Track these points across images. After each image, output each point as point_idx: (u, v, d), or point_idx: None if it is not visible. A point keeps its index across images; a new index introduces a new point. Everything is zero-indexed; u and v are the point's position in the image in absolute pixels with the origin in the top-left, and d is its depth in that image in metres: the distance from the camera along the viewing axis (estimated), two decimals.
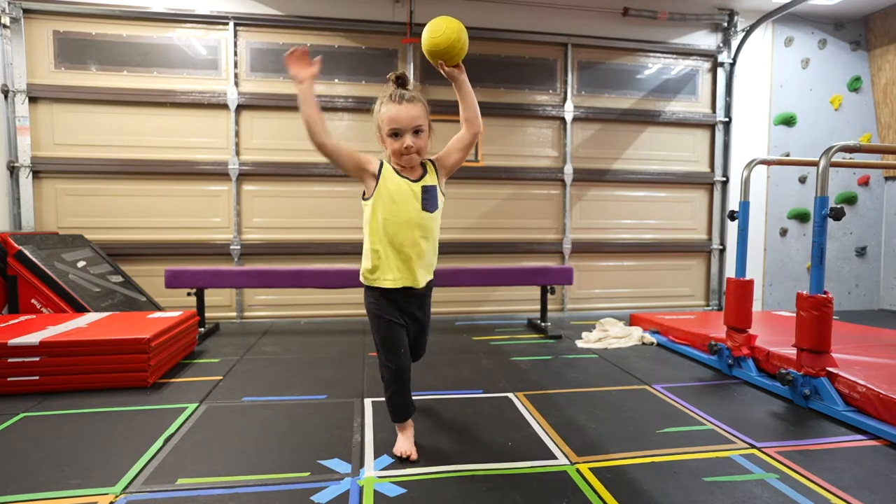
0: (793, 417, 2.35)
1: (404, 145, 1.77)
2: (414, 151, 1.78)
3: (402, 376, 1.88)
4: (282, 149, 4.57)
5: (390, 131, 1.78)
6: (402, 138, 1.77)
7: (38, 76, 4.22)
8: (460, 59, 1.75)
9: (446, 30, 1.70)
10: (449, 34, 1.69)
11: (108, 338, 2.64)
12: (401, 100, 1.75)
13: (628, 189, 5.09)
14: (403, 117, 1.75)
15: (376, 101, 1.83)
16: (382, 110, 1.78)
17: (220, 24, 4.42)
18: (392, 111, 1.75)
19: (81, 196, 4.33)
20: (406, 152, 1.78)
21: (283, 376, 2.91)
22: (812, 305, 2.39)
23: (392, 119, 1.75)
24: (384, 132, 1.80)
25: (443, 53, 1.72)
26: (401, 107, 1.75)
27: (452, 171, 1.94)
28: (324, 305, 4.67)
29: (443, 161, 1.91)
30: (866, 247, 5.37)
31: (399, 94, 1.77)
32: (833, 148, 2.39)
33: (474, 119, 1.84)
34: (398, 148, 1.78)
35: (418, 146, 1.78)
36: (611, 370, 3.07)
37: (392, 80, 1.81)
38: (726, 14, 4.99)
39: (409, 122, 1.75)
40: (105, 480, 1.73)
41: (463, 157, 1.91)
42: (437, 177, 1.88)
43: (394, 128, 1.76)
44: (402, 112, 1.75)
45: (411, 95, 1.77)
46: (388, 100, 1.77)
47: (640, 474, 1.80)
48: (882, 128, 5.23)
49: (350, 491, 1.68)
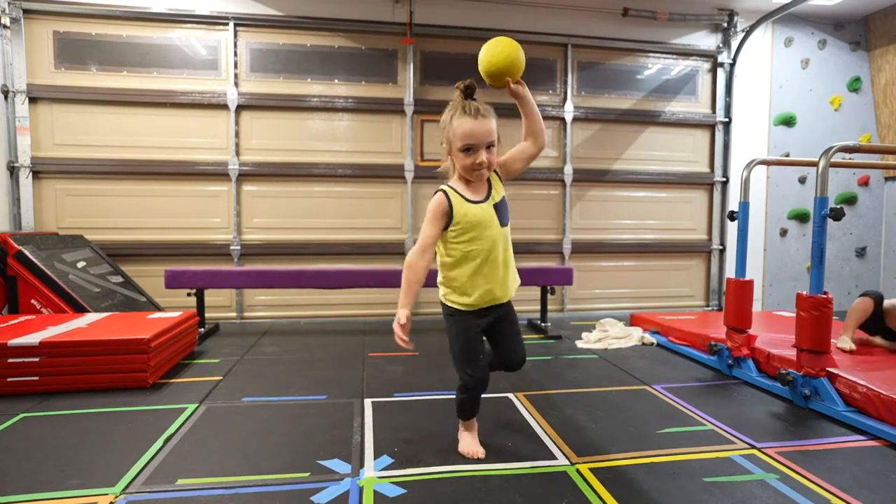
0: (793, 418, 2.35)
1: (477, 161, 1.70)
2: (486, 167, 1.73)
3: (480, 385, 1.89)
4: (282, 149, 4.57)
5: (464, 146, 1.70)
6: (476, 154, 1.70)
7: (37, 76, 4.22)
8: (519, 75, 1.74)
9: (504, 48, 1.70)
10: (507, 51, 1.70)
11: (108, 338, 2.64)
12: (476, 114, 1.68)
13: (628, 189, 5.09)
14: (479, 132, 1.68)
15: (445, 112, 1.76)
16: (455, 124, 1.70)
17: (219, 24, 4.42)
18: (467, 126, 1.68)
19: (81, 196, 4.33)
20: (478, 168, 1.71)
21: (283, 376, 2.91)
22: (812, 306, 2.39)
23: (467, 134, 1.68)
24: (455, 146, 1.72)
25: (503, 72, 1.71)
26: (476, 122, 1.67)
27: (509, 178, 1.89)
28: (324, 306, 4.67)
29: (506, 167, 1.85)
30: (866, 247, 5.37)
31: (474, 107, 1.69)
32: (833, 148, 2.39)
33: (540, 132, 1.81)
34: (469, 164, 1.71)
35: (490, 161, 1.73)
36: (611, 370, 3.07)
37: (461, 89, 1.73)
38: (726, 14, 5.00)
39: (484, 138, 1.69)
40: (105, 480, 1.73)
41: (525, 168, 1.86)
42: (502, 187, 1.84)
43: (468, 143, 1.69)
44: (478, 127, 1.67)
45: (485, 109, 1.71)
46: (462, 112, 1.69)
47: (640, 474, 1.80)
48: (882, 128, 5.23)
49: (350, 491, 1.68)
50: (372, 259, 4.71)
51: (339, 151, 4.66)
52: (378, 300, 4.71)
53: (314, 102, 4.56)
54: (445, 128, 1.75)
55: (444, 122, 1.75)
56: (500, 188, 1.83)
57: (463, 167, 1.74)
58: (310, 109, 4.59)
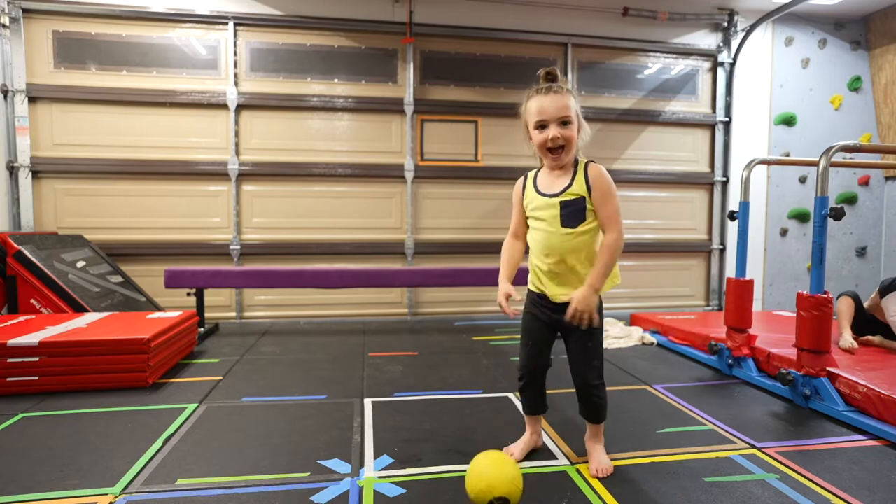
0: (793, 417, 2.34)
1: (550, 136, 1.65)
2: (561, 143, 1.65)
3: (527, 377, 1.88)
4: (281, 149, 4.56)
5: (536, 123, 1.67)
6: (548, 129, 1.65)
7: (37, 76, 4.22)
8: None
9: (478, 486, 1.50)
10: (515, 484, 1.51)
11: (107, 338, 2.64)
12: (547, 91, 1.65)
13: (628, 189, 5.08)
14: (549, 107, 1.64)
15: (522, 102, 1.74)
16: (528, 104, 1.70)
17: (219, 23, 4.41)
18: (537, 102, 1.66)
19: (81, 196, 4.33)
20: (552, 143, 1.66)
21: (283, 376, 2.91)
22: (812, 305, 2.39)
23: (538, 110, 1.65)
24: (531, 126, 1.70)
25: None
26: (547, 97, 1.65)
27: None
28: (324, 305, 4.67)
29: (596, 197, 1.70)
30: (866, 247, 5.37)
31: (546, 86, 1.67)
32: (833, 148, 2.38)
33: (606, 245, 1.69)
34: (543, 140, 1.66)
35: (566, 137, 1.65)
36: (611, 370, 3.07)
37: (542, 76, 1.70)
38: (726, 14, 4.99)
39: (556, 112, 1.64)
40: (104, 481, 1.73)
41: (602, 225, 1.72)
42: (586, 187, 1.69)
43: (540, 119, 1.66)
44: (548, 102, 1.64)
45: (559, 87, 1.66)
46: (535, 93, 1.68)
47: (640, 474, 1.79)
48: (882, 128, 5.22)
49: (350, 491, 1.68)
50: (372, 259, 4.71)
51: (338, 151, 4.65)
52: (378, 300, 4.71)
53: (314, 102, 4.56)
54: (522, 116, 1.74)
55: (522, 111, 1.74)
56: (583, 189, 1.69)
57: (538, 146, 1.70)
58: (310, 109, 4.58)
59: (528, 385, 1.89)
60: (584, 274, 1.71)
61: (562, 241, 1.70)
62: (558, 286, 1.74)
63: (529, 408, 1.94)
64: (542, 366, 1.86)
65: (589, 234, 1.71)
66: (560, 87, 1.66)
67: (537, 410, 1.94)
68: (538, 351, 1.83)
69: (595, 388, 1.79)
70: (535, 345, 1.83)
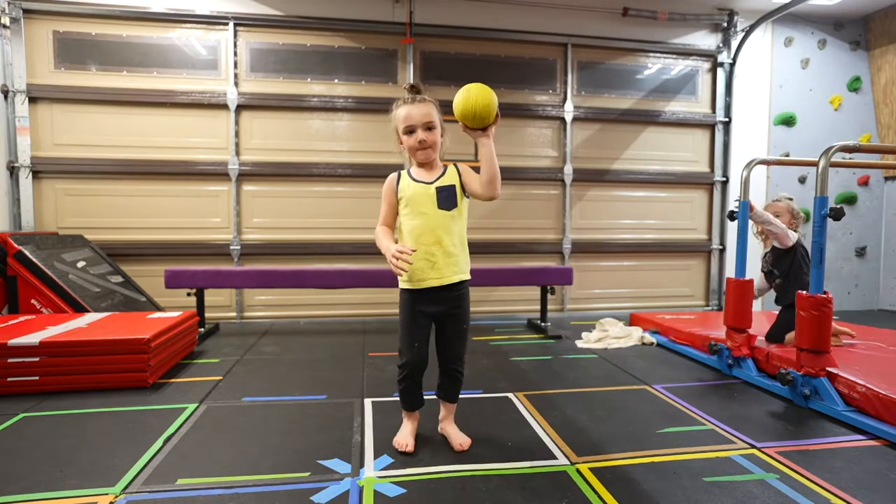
0: (793, 417, 2.34)
1: (417, 139, 1.88)
2: (428, 146, 1.90)
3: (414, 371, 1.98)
4: (281, 149, 4.57)
5: (405, 129, 1.90)
6: (416, 133, 1.89)
7: (37, 76, 4.22)
8: (485, 124, 1.77)
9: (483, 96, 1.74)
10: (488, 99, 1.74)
11: (107, 338, 2.64)
12: (412, 100, 1.90)
13: (628, 189, 5.09)
14: (415, 114, 1.88)
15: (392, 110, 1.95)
16: (397, 112, 1.92)
17: (219, 24, 4.42)
18: (405, 110, 1.90)
19: (81, 196, 4.33)
20: (420, 146, 1.89)
21: (283, 376, 2.91)
22: (812, 305, 2.39)
23: (406, 117, 1.89)
24: (400, 131, 1.92)
25: (465, 118, 1.77)
26: (413, 105, 1.89)
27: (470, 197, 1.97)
28: (324, 305, 4.67)
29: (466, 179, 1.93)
30: (866, 247, 5.37)
31: (411, 97, 1.91)
32: (832, 148, 2.39)
33: (490, 182, 1.82)
34: (413, 143, 1.90)
35: (431, 140, 1.90)
36: (611, 370, 3.07)
37: (407, 88, 1.94)
38: (726, 14, 5.00)
39: (421, 119, 1.88)
40: (105, 480, 1.73)
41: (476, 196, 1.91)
42: (458, 178, 1.93)
43: (408, 125, 1.89)
44: (415, 110, 1.88)
45: (422, 97, 1.91)
46: (402, 102, 1.92)
47: (640, 474, 1.80)
48: (882, 128, 5.23)
49: (350, 491, 1.68)
50: (372, 259, 4.71)
51: (339, 151, 4.66)
52: (378, 300, 4.71)
53: (314, 102, 4.56)
54: (392, 121, 1.95)
55: (392, 117, 1.95)
56: (455, 179, 1.93)
57: (408, 148, 1.93)
58: (310, 109, 4.59)
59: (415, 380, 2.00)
60: (456, 256, 1.92)
61: (438, 222, 1.89)
62: (433, 270, 1.90)
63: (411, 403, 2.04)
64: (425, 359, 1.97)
65: (461, 219, 1.95)
66: (423, 98, 1.91)
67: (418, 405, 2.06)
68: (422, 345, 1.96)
69: (462, 369, 2.02)
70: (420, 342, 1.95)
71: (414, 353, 1.95)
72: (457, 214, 1.92)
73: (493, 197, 1.86)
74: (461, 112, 1.76)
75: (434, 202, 1.90)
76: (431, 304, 1.93)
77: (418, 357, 1.95)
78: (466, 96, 1.75)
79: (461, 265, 1.95)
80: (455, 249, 1.92)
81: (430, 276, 1.90)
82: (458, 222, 1.94)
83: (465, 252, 1.98)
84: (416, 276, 1.91)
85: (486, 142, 1.79)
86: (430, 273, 1.90)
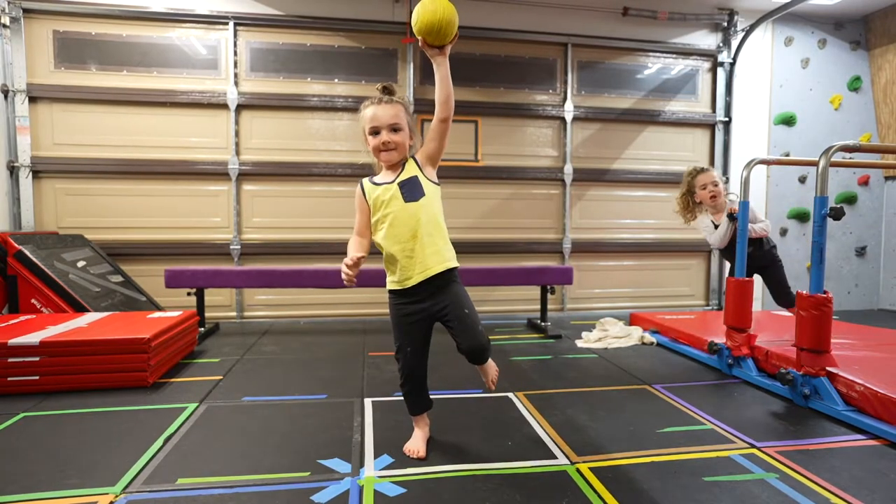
0: (793, 417, 2.34)
1: (382, 140, 1.85)
2: (392, 147, 1.86)
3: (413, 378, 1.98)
4: (282, 148, 4.57)
5: (371, 129, 1.87)
6: (381, 135, 1.85)
7: (37, 76, 4.22)
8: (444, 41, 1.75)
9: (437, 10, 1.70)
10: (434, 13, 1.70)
11: (107, 338, 2.64)
12: (380, 101, 1.86)
13: (628, 189, 5.08)
14: (382, 115, 1.84)
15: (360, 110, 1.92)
16: (364, 112, 1.89)
17: (219, 23, 4.42)
18: (372, 111, 1.86)
19: (81, 196, 4.33)
20: (384, 147, 1.86)
21: (283, 376, 2.92)
22: (812, 305, 2.39)
23: (372, 117, 1.86)
24: (366, 131, 1.89)
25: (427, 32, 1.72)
26: (380, 106, 1.85)
27: (437, 160, 1.94)
28: (324, 305, 4.67)
29: (426, 151, 1.92)
30: (866, 246, 5.37)
31: (378, 97, 1.87)
32: (833, 148, 2.39)
33: (443, 102, 1.82)
34: (377, 144, 1.87)
35: (396, 142, 1.85)
36: (611, 370, 3.07)
37: (379, 89, 1.91)
38: (726, 14, 5.00)
39: (387, 120, 1.84)
40: (105, 480, 1.73)
41: (439, 145, 1.90)
42: (417, 168, 1.90)
43: (373, 126, 1.86)
44: (380, 111, 1.85)
45: (390, 98, 1.87)
46: (370, 102, 1.88)
47: (640, 474, 1.80)
48: (882, 127, 5.23)
49: (350, 491, 1.68)
50: (372, 259, 4.69)
51: (339, 151, 4.66)
52: (378, 300, 4.70)
53: (314, 102, 4.56)
54: (360, 121, 1.91)
55: (359, 118, 1.91)
56: (415, 170, 1.90)
57: (373, 149, 1.89)
58: (310, 109, 4.59)
59: (414, 385, 1.98)
60: (436, 245, 1.87)
61: (409, 216, 1.85)
62: (415, 265, 1.88)
63: (416, 407, 2.02)
64: (421, 364, 1.97)
65: (432, 207, 1.89)
66: (391, 99, 1.87)
67: (425, 408, 2.04)
68: (415, 350, 1.94)
69: (488, 346, 1.94)
70: (413, 347, 1.93)
71: (407, 358, 1.93)
72: (426, 203, 1.87)
73: (447, 116, 1.83)
74: (425, 23, 1.69)
75: (400, 198, 1.86)
76: (421, 301, 1.90)
77: (412, 363, 1.94)
78: (433, 9, 1.68)
79: (443, 253, 1.90)
80: (432, 238, 1.87)
81: (414, 271, 1.87)
82: (430, 210, 1.88)
83: (446, 239, 1.94)
84: (401, 274, 1.90)
85: (443, 60, 1.78)
86: (413, 269, 1.88)
